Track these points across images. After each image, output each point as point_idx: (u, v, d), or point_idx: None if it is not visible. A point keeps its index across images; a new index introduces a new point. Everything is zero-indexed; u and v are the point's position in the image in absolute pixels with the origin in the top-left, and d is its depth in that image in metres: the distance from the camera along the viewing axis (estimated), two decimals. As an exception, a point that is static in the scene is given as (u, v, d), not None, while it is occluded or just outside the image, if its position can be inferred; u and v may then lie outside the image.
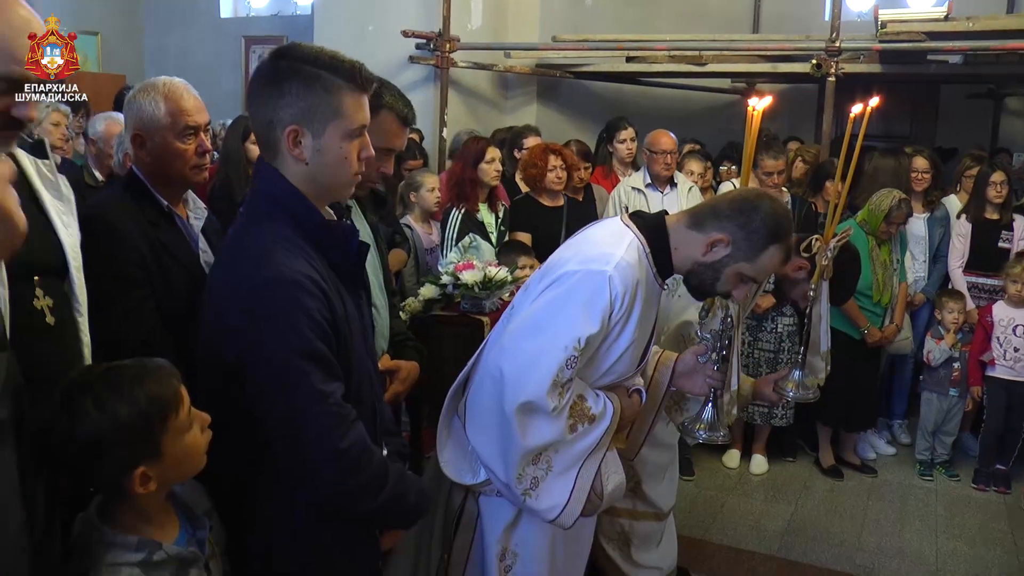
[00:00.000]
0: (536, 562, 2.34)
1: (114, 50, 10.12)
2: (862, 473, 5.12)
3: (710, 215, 2.22)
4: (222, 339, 1.72)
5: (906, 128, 8.06)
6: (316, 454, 1.69)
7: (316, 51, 1.80)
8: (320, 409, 1.68)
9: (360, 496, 1.78)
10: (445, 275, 3.29)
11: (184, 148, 2.35)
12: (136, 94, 2.38)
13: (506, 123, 7.18)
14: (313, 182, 1.80)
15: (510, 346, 2.14)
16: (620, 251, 2.15)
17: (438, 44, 6.95)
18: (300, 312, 1.67)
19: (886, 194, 4.81)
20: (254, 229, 1.78)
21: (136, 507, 1.60)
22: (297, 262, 1.71)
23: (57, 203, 1.92)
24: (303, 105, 1.73)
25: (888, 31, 5.77)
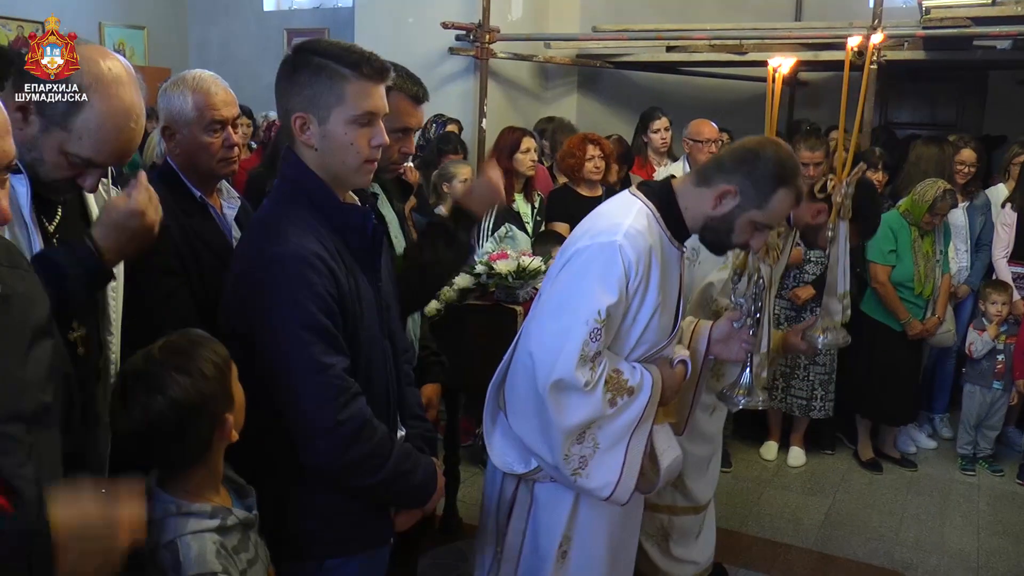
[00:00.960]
0: (593, 547, 2.35)
1: (160, 44, 10.28)
2: (902, 467, 5.06)
3: (715, 169, 2.21)
4: (236, 310, 1.84)
5: (952, 115, 7.89)
6: (313, 424, 1.79)
7: (329, 43, 1.90)
8: (319, 380, 1.77)
9: (357, 469, 1.85)
10: (479, 264, 3.31)
11: (210, 142, 2.39)
12: (167, 87, 2.43)
13: (546, 114, 7.18)
14: (324, 167, 1.89)
15: (536, 330, 2.18)
16: (628, 219, 2.17)
17: (478, 35, 6.96)
18: (305, 286, 1.77)
19: (931, 184, 4.73)
20: (273, 208, 1.90)
21: (202, 477, 1.68)
22: (306, 239, 1.81)
23: None
24: (308, 93, 1.84)
25: (932, 17, 5.66)
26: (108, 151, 1.72)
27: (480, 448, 4.75)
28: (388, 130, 2.36)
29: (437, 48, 7.11)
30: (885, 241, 4.77)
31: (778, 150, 2.19)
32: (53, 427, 1.39)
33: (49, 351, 1.39)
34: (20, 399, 1.29)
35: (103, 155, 1.73)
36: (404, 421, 2.14)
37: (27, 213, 1.74)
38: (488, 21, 6.95)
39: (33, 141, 1.71)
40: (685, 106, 7.06)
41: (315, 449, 1.81)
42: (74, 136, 1.69)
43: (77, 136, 1.69)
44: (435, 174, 4.91)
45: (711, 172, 2.22)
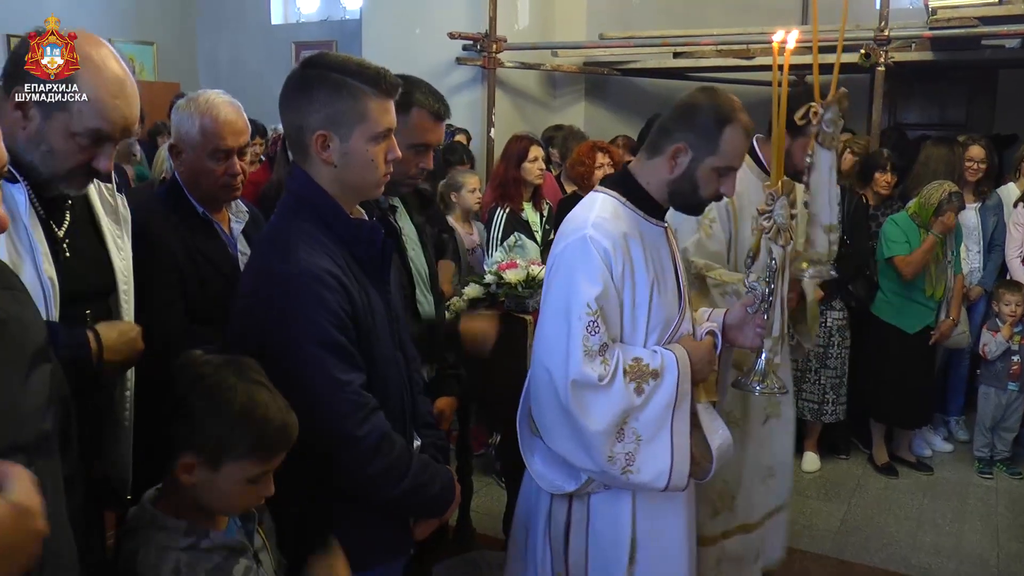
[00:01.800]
0: (662, 544, 2.32)
1: (169, 59, 10.34)
2: (918, 471, 5.02)
3: (660, 135, 2.25)
4: (247, 329, 1.83)
5: (962, 115, 7.85)
6: (333, 440, 1.79)
7: (343, 59, 1.89)
8: (337, 397, 1.78)
9: (379, 482, 1.86)
10: (489, 274, 3.31)
11: (213, 168, 2.40)
12: (180, 105, 2.45)
13: (553, 122, 7.19)
14: (341, 183, 1.89)
15: (539, 341, 2.21)
16: (593, 212, 2.20)
17: (485, 45, 6.99)
18: (318, 304, 1.77)
19: (936, 187, 4.70)
20: (281, 226, 1.89)
21: (189, 494, 1.64)
22: (318, 256, 1.81)
23: (113, 226, 2.02)
24: (330, 111, 1.83)
25: (939, 18, 5.64)
26: (113, 117, 1.76)
27: (493, 458, 4.76)
28: (407, 145, 2.38)
29: (444, 58, 7.14)
30: (897, 235, 4.75)
31: (712, 95, 2.25)
32: (54, 455, 1.35)
33: (47, 376, 1.35)
34: (20, 429, 1.26)
35: (109, 122, 1.76)
36: (418, 431, 2.14)
37: (26, 220, 1.76)
38: (495, 31, 6.97)
39: (39, 135, 1.74)
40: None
41: (338, 466, 1.82)
42: (75, 113, 1.73)
43: (78, 112, 1.73)
44: (442, 184, 4.92)
45: (658, 139, 2.25)
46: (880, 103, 5.89)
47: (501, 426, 3.51)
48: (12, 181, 1.75)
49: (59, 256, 1.84)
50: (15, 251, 1.73)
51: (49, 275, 1.77)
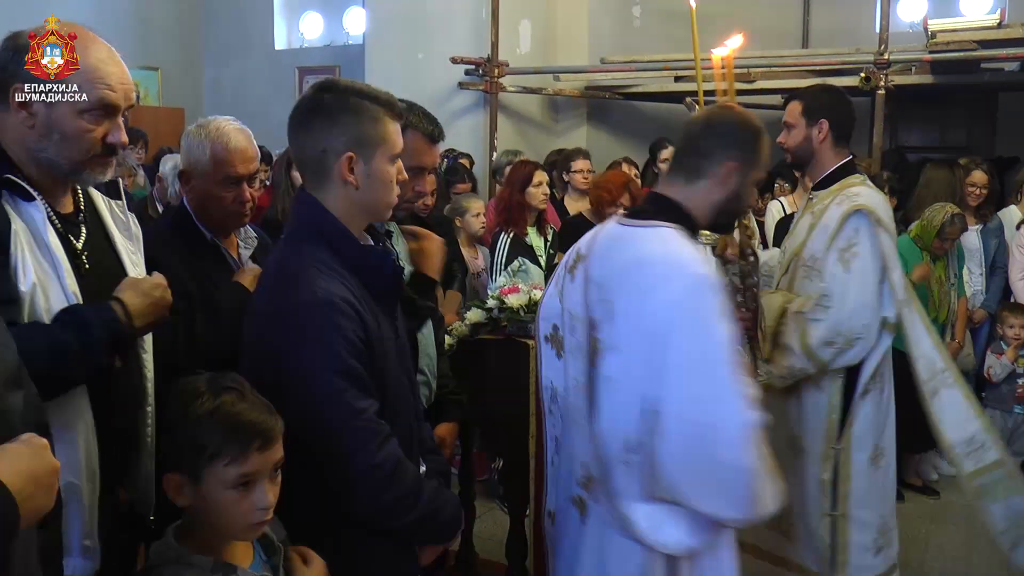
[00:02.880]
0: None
1: (174, 84, 10.41)
2: (924, 495, 4.99)
3: (700, 157, 2.18)
4: (262, 361, 1.83)
5: (962, 138, 7.89)
6: (352, 469, 1.79)
7: (356, 83, 1.94)
8: (355, 425, 1.78)
9: (395, 510, 1.86)
10: (491, 299, 3.31)
11: (223, 195, 2.41)
12: (191, 131, 2.47)
13: (556, 146, 7.22)
14: (360, 205, 1.92)
15: (683, 403, 1.95)
16: (678, 249, 2.06)
17: (487, 70, 7.04)
18: (335, 332, 1.78)
19: (939, 209, 4.71)
20: (291, 254, 1.90)
21: (214, 529, 1.64)
22: (332, 284, 1.82)
23: (127, 242, 2.03)
24: (356, 132, 1.87)
25: (938, 41, 5.67)
26: (113, 83, 1.80)
27: (495, 483, 4.74)
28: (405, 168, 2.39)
29: (447, 83, 7.18)
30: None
31: (735, 112, 2.26)
32: None
33: (20, 403, 1.32)
34: None
35: (111, 88, 1.80)
36: (422, 456, 2.14)
37: (47, 237, 1.76)
38: (497, 55, 7.02)
39: (48, 125, 1.76)
40: (695, 135, 7.07)
41: (356, 494, 1.81)
42: (76, 88, 1.76)
43: (79, 86, 1.76)
44: (447, 208, 4.94)
45: (698, 162, 2.18)
46: (881, 126, 5.92)
47: (504, 451, 3.50)
48: (28, 199, 1.76)
49: (80, 270, 1.84)
50: (42, 269, 1.73)
51: (73, 290, 1.78)
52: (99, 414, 1.81)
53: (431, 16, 7.21)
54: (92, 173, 1.85)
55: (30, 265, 1.70)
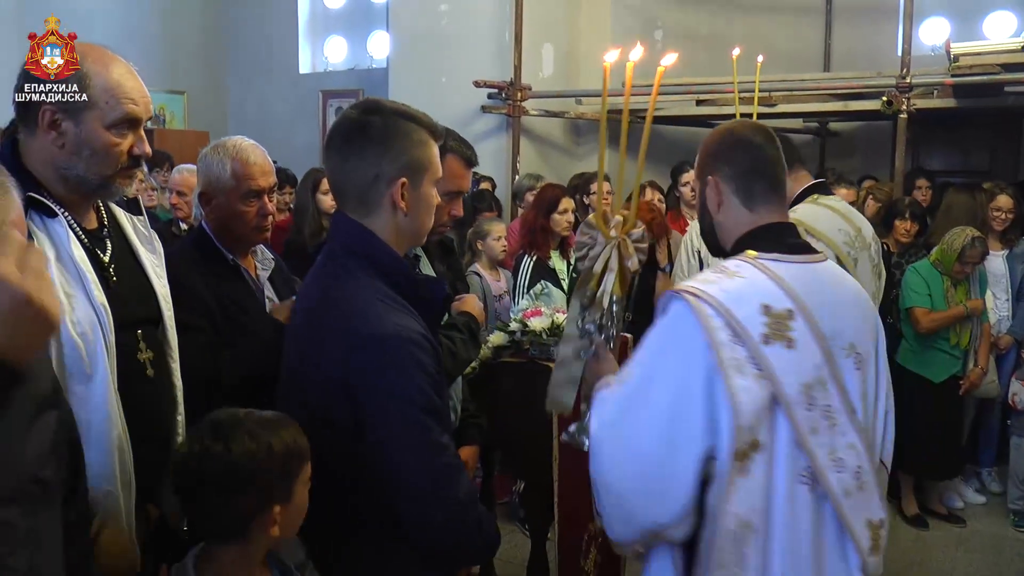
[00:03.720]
0: None
1: (199, 108, 10.54)
2: (950, 523, 4.93)
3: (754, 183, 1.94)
4: (327, 393, 1.76)
5: (985, 161, 7.85)
6: (438, 505, 1.74)
7: (400, 105, 1.91)
8: (443, 461, 1.75)
9: (468, 539, 1.82)
10: (514, 322, 3.33)
11: (246, 210, 2.45)
12: (207, 153, 2.51)
13: (578, 170, 7.24)
14: (406, 231, 1.89)
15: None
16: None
17: (510, 93, 7.08)
18: (419, 368, 1.73)
19: (959, 232, 4.69)
20: (348, 283, 1.81)
21: (237, 559, 1.65)
22: (407, 319, 1.78)
23: (151, 256, 2.08)
24: (408, 157, 1.84)
25: (961, 64, 5.66)
26: (135, 96, 1.87)
27: (516, 505, 4.73)
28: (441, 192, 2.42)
29: (470, 107, 7.23)
30: (918, 285, 4.73)
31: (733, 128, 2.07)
32: (53, 504, 1.35)
33: (53, 424, 1.35)
34: (19, 480, 1.25)
35: (134, 102, 1.86)
36: None
37: (71, 251, 1.80)
38: (520, 79, 7.07)
39: (77, 143, 1.82)
40: (716, 159, 7.08)
41: (437, 527, 1.76)
42: (102, 104, 1.82)
43: (104, 103, 1.82)
44: (470, 232, 4.97)
45: (754, 187, 1.94)
46: (903, 150, 5.90)
47: (525, 474, 3.50)
48: (51, 216, 1.80)
49: (108, 283, 1.89)
50: (66, 283, 1.78)
51: (101, 302, 1.81)
52: (132, 423, 1.85)
53: (454, 40, 7.27)
54: (120, 185, 1.91)
55: (55, 281, 1.72)
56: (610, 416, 1.77)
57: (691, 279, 1.83)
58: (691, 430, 1.68)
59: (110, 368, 1.81)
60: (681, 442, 1.68)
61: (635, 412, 1.73)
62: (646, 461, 1.70)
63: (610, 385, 1.84)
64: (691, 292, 1.74)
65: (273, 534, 1.64)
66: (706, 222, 2.03)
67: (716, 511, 1.70)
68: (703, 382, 1.68)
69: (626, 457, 1.72)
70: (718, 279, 1.78)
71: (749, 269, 1.81)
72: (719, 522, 1.70)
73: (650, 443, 1.70)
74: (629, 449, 1.72)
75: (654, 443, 1.69)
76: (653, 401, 1.71)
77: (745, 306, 1.73)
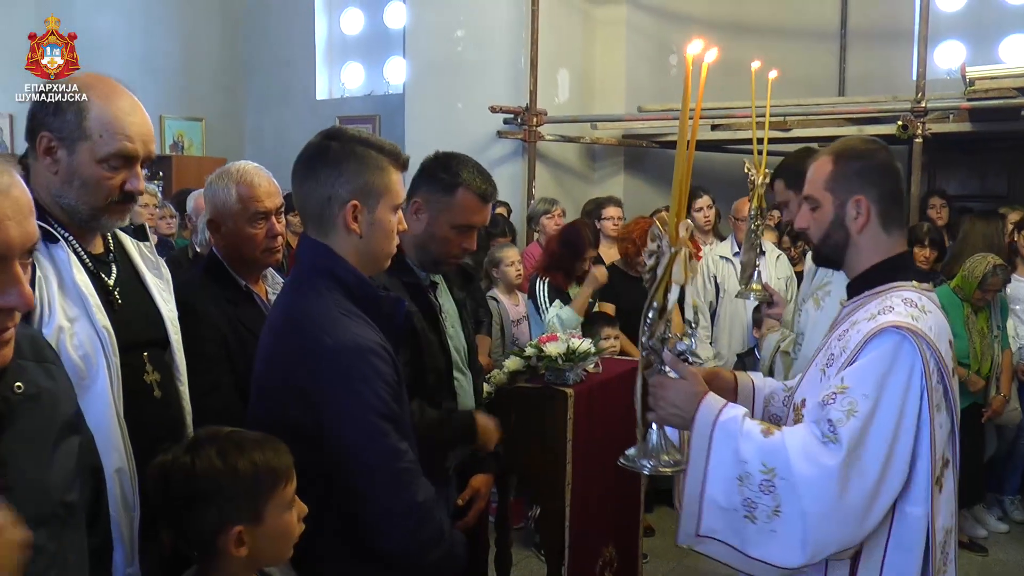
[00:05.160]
0: None
1: (217, 134, 10.63)
2: (971, 551, 4.85)
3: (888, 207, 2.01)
4: (290, 403, 1.83)
5: (1003, 186, 7.81)
6: (396, 508, 1.82)
7: (364, 134, 1.97)
8: (400, 466, 1.82)
9: (429, 546, 1.88)
10: (529, 347, 3.32)
11: (254, 233, 2.47)
12: (213, 180, 2.54)
13: (594, 194, 7.26)
14: (363, 254, 1.93)
15: None
16: None
17: (525, 118, 7.12)
18: (377, 377, 1.81)
19: (980, 259, 4.66)
20: (311, 298, 1.89)
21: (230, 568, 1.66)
22: (365, 330, 1.85)
23: (158, 281, 2.10)
24: (360, 182, 1.89)
25: (977, 88, 5.65)
26: (131, 133, 1.85)
27: (532, 530, 4.70)
28: (451, 225, 2.44)
29: (485, 132, 7.27)
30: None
31: (876, 150, 2.06)
32: (79, 527, 1.37)
33: (76, 448, 1.38)
34: (44, 502, 1.27)
35: (129, 139, 1.85)
36: None
37: (74, 276, 1.81)
38: (535, 104, 7.11)
39: (69, 171, 1.82)
40: (731, 184, 7.08)
41: (398, 532, 1.84)
42: (96, 137, 1.82)
43: (99, 136, 1.82)
44: (485, 260, 4.98)
45: (893, 212, 2.02)
46: (919, 175, 5.89)
47: (540, 499, 3.48)
48: (53, 241, 1.81)
49: (113, 305, 1.90)
50: (69, 307, 1.79)
51: (104, 324, 1.83)
52: (138, 444, 1.86)
53: (470, 66, 7.33)
54: (110, 219, 1.91)
55: (56, 308, 1.75)
56: (856, 443, 1.79)
57: (891, 314, 1.87)
58: (900, 463, 1.81)
59: (112, 390, 1.82)
60: (892, 473, 1.80)
61: (868, 442, 1.80)
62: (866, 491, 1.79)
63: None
64: (910, 329, 1.84)
65: (240, 554, 1.62)
66: (836, 239, 2.05)
67: (917, 530, 1.85)
68: (915, 420, 1.83)
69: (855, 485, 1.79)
70: (918, 315, 1.88)
71: (929, 303, 1.94)
72: (929, 539, 1.86)
73: (874, 469, 1.79)
74: (863, 476, 1.79)
75: (877, 469, 1.79)
76: (876, 432, 1.80)
77: (943, 343, 1.88)
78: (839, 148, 2.08)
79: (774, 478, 1.80)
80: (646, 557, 4.27)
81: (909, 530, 1.86)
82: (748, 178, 2.95)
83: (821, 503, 1.77)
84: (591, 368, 3.38)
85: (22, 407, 1.28)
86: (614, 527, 3.63)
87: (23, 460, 1.26)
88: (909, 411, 1.81)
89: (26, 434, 1.27)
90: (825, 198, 2.05)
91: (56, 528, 1.28)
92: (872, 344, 1.85)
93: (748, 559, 1.85)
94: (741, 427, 1.86)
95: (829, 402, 1.83)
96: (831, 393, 1.84)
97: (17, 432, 1.26)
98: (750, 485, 1.82)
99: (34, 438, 1.29)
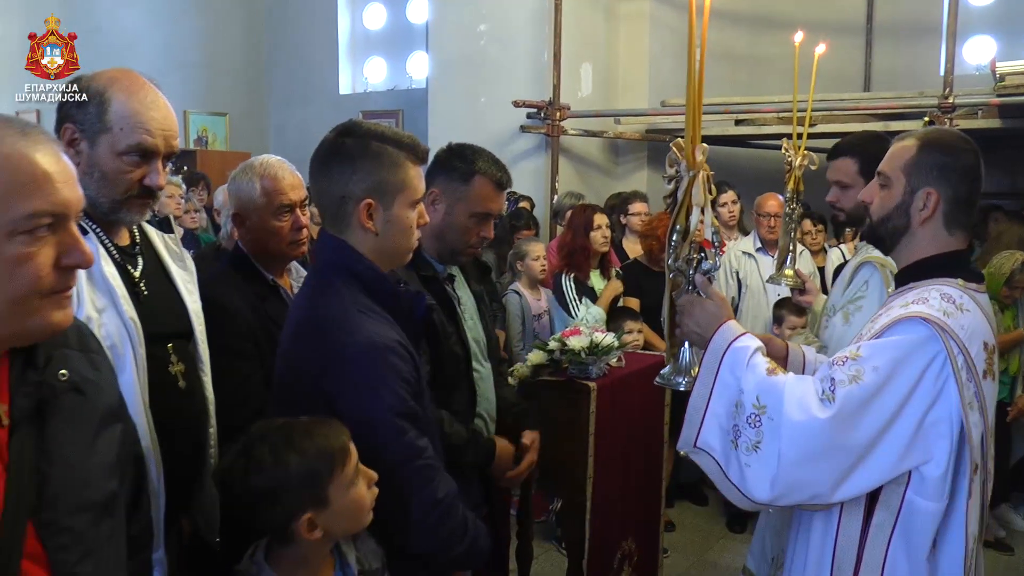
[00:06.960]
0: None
1: (241, 129, 10.71)
2: (996, 550, 4.81)
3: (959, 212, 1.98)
4: (313, 402, 1.82)
5: (1034, 184, 7.74)
6: (417, 504, 1.82)
7: (379, 127, 1.94)
8: (420, 463, 1.82)
9: (452, 541, 1.89)
10: (552, 341, 3.33)
11: (280, 226, 2.48)
12: (236, 175, 2.55)
13: (616, 189, 7.24)
14: (381, 251, 1.93)
15: None
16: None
17: (549, 113, 7.11)
18: (395, 375, 1.81)
19: (1007, 256, 4.62)
20: (329, 297, 1.89)
21: (298, 555, 1.71)
22: (384, 328, 1.85)
23: (182, 272, 2.11)
24: (375, 179, 1.88)
25: (1007, 84, 5.58)
26: (151, 128, 1.85)
27: (553, 524, 4.71)
28: (468, 214, 2.45)
29: (509, 126, 7.27)
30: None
31: (967, 151, 2.01)
32: (118, 514, 1.39)
33: (118, 435, 1.40)
34: (86, 489, 1.30)
35: (149, 133, 1.85)
36: None
37: (102, 267, 1.83)
38: (559, 99, 7.10)
39: (89, 164, 1.84)
40: (755, 180, 7.05)
41: (421, 529, 1.84)
42: (116, 130, 1.83)
43: (119, 129, 1.83)
44: (510, 253, 5.00)
45: (962, 218, 1.99)
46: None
47: (562, 492, 3.48)
48: (82, 232, 1.83)
49: (139, 297, 1.92)
50: (97, 298, 1.81)
51: (131, 316, 1.85)
52: (163, 435, 1.88)
53: (493, 60, 7.33)
54: (130, 213, 1.92)
55: (85, 298, 1.77)
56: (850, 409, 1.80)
57: (923, 305, 1.87)
58: (890, 449, 1.80)
59: (139, 381, 1.85)
60: (876, 454, 1.80)
61: (863, 413, 1.80)
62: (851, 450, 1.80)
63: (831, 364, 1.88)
64: (938, 323, 1.82)
65: (315, 537, 1.68)
66: (896, 223, 2.03)
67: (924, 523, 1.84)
68: (920, 414, 1.80)
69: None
70: (953, 312, 1.86)
71: (970, 303, 1.90)
72: (964, 547, 1.86)
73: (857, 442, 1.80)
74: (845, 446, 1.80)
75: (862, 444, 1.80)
76: (873, 408, 1.79)
77: (976, 343, 1.85)
78: (929, 136, 2.04)
79: (762, 415, 1.83)
80: (666, 552, 4.26)
81: (917, 523, 1.85)
82: (785, 159, 2.90)
83: (797, 449, 1.79)
84: (614, 362, 3.38)
85: (66, 395, 1.30)
86: (635, 521, 3.64)
87: (66, 447, 1.28)
88: (915, 402, 1.80)
89: (70, 421, 1.30)
90: (898, 180, 2.01)
91: (96, 515, 1.30)
92: (897, 328, 1.84)
93: (726, 480, 1.89)
94: (749, 358, 1.89)
95: (839, 363, 1.84)
96: (843, 356, 1.86)
97: (61, 419, 1.28)
98: (740, 414, 1.86)
99: (77, 425, 1.31)
